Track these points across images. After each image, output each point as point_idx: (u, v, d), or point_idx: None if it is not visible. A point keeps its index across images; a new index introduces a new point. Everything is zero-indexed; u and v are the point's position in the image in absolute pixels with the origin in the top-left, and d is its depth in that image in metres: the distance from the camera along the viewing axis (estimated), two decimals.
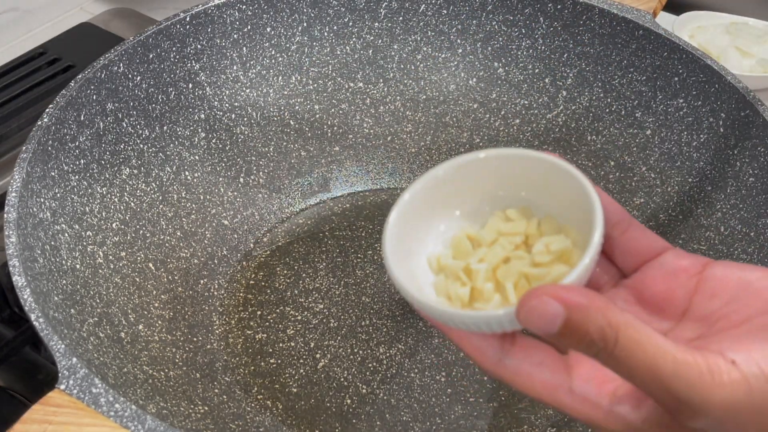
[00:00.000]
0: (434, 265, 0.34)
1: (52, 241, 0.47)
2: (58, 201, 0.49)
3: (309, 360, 0.53)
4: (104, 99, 0.53)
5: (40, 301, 0.42)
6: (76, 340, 0.43)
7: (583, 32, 0.59)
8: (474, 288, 0.33)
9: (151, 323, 0.51)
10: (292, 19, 0.61)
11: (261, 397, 0.51)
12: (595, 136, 0.60)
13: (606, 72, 0.59)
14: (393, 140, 0.64)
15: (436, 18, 0.62)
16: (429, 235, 0.35)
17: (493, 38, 0.62)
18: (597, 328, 0.27)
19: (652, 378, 0.27)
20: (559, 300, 0.27)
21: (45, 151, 0.48)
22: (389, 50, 0.63)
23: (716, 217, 0.53)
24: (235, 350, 0.53)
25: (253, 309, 0.56)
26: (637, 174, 0.58)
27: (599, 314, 0.27)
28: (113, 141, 0.54)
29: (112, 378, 0.44)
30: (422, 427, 0.50)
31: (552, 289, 0.28)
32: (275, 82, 0.62)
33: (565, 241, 0.32)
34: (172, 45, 0.57)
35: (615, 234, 0.33)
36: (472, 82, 0.63)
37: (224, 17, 0.58)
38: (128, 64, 0.54)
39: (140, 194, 0.55)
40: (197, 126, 0.59)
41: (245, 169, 0.61)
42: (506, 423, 0.50)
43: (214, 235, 0.58)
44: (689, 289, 0.33)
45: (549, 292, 0.27)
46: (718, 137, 0.54)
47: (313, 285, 0.57)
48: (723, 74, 0.53)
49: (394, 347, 0.54)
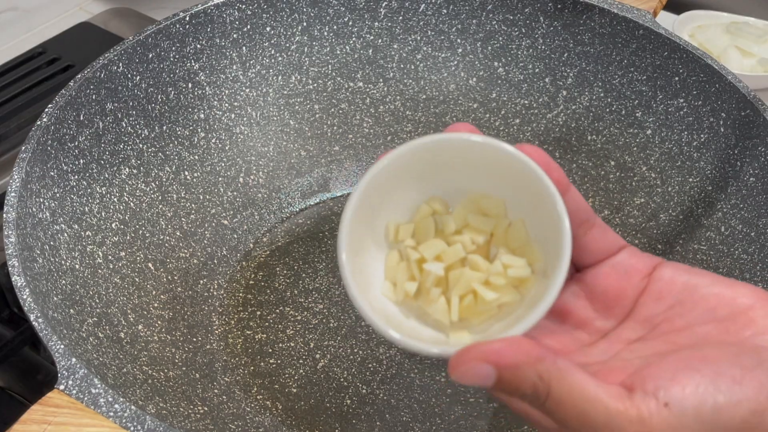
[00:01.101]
0: (391, 235, 0.33)
1: (52, 241, 0.47)
2: (57, 201, 0.49)
3: (309, 360, 0.53)
4: (104, 99, 0.53)
5: (40, 302, 0.41)
6: (76, 340, 0.43)
7: (584, 32, 0.59)
8: (422, 287, 0.32)
9: (151, 323, 0.51)
10: (292, 18, 0.61)
11: (261, 398, 0.51)
12: (595, 135, 0.60)
13: (606, 72, 0.59)
14: (393, 140, 0.64)
15: (436, 17, 0.62)
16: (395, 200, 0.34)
17: (493, 38, 0.62)
18: (529, 384, 0.28)
19: (584, 427, 0.28)
20: (490, 362, 0.28)
21: (44, 150, 0.48)
22: (389, 50, 0.63)
23: (717, 217, 0.53)
24: (235, 350, 0.53)
25: (252, 309, 0.56)
26: (638, 174, 0.58)
27: (530, 370, 0.28)
28: (113, 141, 0.54)
29: (111, 378, 0.44)
30: (422, 427, 0.50)
31: (482, 351, 0.28)
32: (275, 81, 0.62)
33: (525, 269, 0.32)
34: (172, 45, 0.57)
35: (579, 233, 0.32)
36: (472, 81, 0.63)
37: (224, 17, 0.58)
38: (128, 63, 0.54)
39: (140, 194, 0.55)
40: (197, 126, 0.59)
41: (245, 168, 0.61)
42: (506, 423, 0.50)
43: (213, 235, 0.58)
44: (638, 288, 0.33)
45: (479, 355, 0.28)
46: (718, 137, 0.54)
47: (312, 285, 0.57)
48: (723, 74, 0.53)
49: (393, 347, 0.54)
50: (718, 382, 0.28)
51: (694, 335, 0.30)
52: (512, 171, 0.32)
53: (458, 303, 0.32)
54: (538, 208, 0.32)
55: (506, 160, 0.32)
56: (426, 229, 0.33)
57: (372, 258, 0.33)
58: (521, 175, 0.32)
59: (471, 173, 0.33)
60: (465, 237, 0.33)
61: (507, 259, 0.32)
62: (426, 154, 0.33)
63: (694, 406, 0.27)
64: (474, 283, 0.32)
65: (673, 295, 0.32)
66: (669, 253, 0.55)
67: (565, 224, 0.31)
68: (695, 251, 0.53)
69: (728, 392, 0.27)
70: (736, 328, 0.30)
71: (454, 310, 0.32)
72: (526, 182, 0.32)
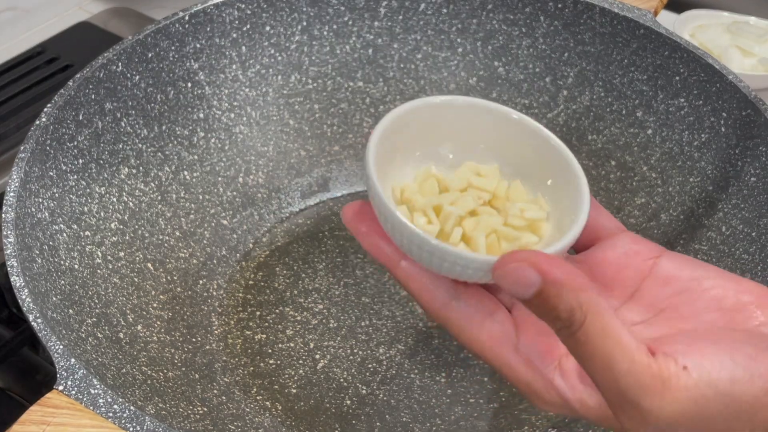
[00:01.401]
0: (398, 195, 0.33)
1: (51, 241, 0.47)
2: (56, 201, 0.49)
3: (308, 361, 0.53)
4: (103, 98, 0.53)
5: (39, 302, 0.41)
6: (75, 340, 0.43)
7: (584, 31, 0.59)
8: (442, 230, 0.32)
9: (150, 324, 0.51)
10: (292, 18, 0.61)
11: (260, 398, 0.51)
12: (595, 135, 0.60)
13: (607, 71, 0.59)
14: None
15: (436, 17, 0.62)
16: (395, 165, 0.33)
17: (494, 37, 0.62)
18: (567, 307, 0.27)
19: (605, 370, 0.27)
20: (538, 270, 0.27)
21: (43, 150, 0.48)
22: (389, 49, 0.63)
23: (717, 216, 0.53)
24: (234, 351, 0.53)
25: (252, 309, 0.56)
26: (638, 174, 0.58)
27: (573, 294, 0.27)
28: (112, 140, 0.54)
29: (110, 379, 0.44)
30: (422, 428, 0.50)
31: (534, 256, 0.27)
32: (274, 81, 0.62)
33: (540, 211, 0.32)
34: (171, 44, 0.56)
35: None
36: (473, 81, 0.63)
37: (223, 16, 0.58)
38: (127, 63, 0.54)
39: (139, 194, 0.55)
40: (196, 125, 0.59)
41: (244, 168, 0.61)
42: (506, 424, 0.50)
43: (213, 235, 0.58)
44: (641, 272, 0.32)
45: (530, 258, 0.27)
46: (719, 137, 0.54)
47: (312, 285, 0.57)
48: (724, 73, 0.53)
49: (393, 348, 0.54)
50: (735, 356, 0.27)
51: (700, 322, 0.30)
52: (519, 135, 0.34)
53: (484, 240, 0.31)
54: (548, 165, 0.33)
55: (514, 126, 0.33)
56: (431, 187, 0.33)
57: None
58: (529, 138, 0.33)
59: (475, 136, 0.34)
60: (470, 193, 0.33)
61: (521, 204, 0.32)
62: (433, 114, 0.33)
63: (713, 374, 0.27)
64: (495, 224, 0.32)
65: (680, 283, 0.32)
66: None
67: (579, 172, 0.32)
68: (696, 251, 0.53)
69: (745, 366, 0.27)
70: (743, 318, 0.30)
71: (481, 247, 0.31)
72: (534, 144, 0.33)
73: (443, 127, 0.34)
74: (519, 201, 0.33)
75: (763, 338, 0.29)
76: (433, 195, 0.33)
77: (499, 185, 0.33)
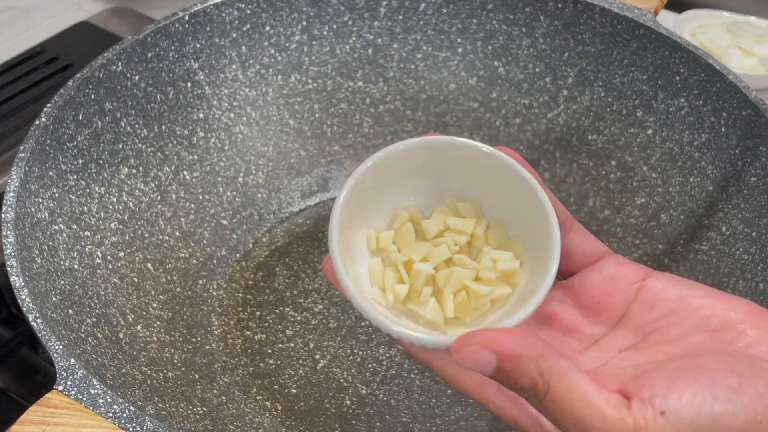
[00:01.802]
0: (372, 244, 0.33)
1: (50, 241, 0.47)
2: (56, 201, 0.49)
3: (308, 361, 0.53)
4: (102, 98, 0.53)
5: (38, 302, 0.41)
6: (74, 340, 0.43)
7: (584, 31, 0.59)
8: (412, 287, 0.32)
9: (150, 324, 0.51)
10: (292, 17, 0.61)
11: (260, 398, 0.51)
12: (596, 135, 0.60)
13: (607, 71, 0.59)
14: (393, 140, 0.64)
15: (436, 17, 0.62)
16: (372, 210, 0.33)
17: (494, 37, 0.62)
18: (528, 378, 0.27)
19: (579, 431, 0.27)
20: (494, 349, 0.27)
21: (43, 150, 0.48)
22: (389, 49, 0.63)
23: (718, 217, 0.53)
24: (234, 351, 0.53)
25: (252, 309, 0.56)
26: (639, 174, 0.58)
27: (532, 364, 0.27)
28: (111, 140, 0.54)
29: (110, 379, 0.43)
30: (422, 428, 0.50)
31: (488, 336, 0.28)
32: (274, 81, 0.62)
33: (513, 262, 0.32)
34: (171, 44, 0.56)
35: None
36: (473, 81, 0.63)
37: (223, 16, 0.58)
38: (126, 63, 0.54)
39: (139, 194, 0.55)
40: (196, 125, 0.59)
41: (244, 168, 0.61)
42: (506, 424, 0.50)
43: (212, 235, 0.58)
44: (628, 296, 0.32)
45: (482, 340, 0.28)
46: (719, 137, 0.54)
47: (312, 285, 0.57)
48: (725, 73, 0.53)
49: (393, 348, 0.54)
50: (715, 390, 0.27)
51: (687, 345, 0.30)
52: (492, 171, 0.32)
53: (452, 300, 0.32)
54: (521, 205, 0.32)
55: (485, 161, 0.32)
56: (407, 234, 0.33)
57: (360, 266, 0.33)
58: (502, 175, 0.32)
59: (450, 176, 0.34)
60: (447, 239, 0.33)
61: (494, 254, 0.32)
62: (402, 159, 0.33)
63: (691, 415, 0.27)
64: (465, 279, 0.32)
65: (667, 305, 0.31)
66: (670, 254, 0.55)
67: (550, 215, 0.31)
68: (696, 251, 0.53)
69: (725, 401, 0.27)
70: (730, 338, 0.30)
71: (449, 307, 0.31)
72: (507, 181, 0.32)
73: (422, 167, 0.34)
74: (497, 243, 0.33)
75: (750, 362, 0.28)
76: (408, 242, 0.33)
77: (478, 226, 0.33)
